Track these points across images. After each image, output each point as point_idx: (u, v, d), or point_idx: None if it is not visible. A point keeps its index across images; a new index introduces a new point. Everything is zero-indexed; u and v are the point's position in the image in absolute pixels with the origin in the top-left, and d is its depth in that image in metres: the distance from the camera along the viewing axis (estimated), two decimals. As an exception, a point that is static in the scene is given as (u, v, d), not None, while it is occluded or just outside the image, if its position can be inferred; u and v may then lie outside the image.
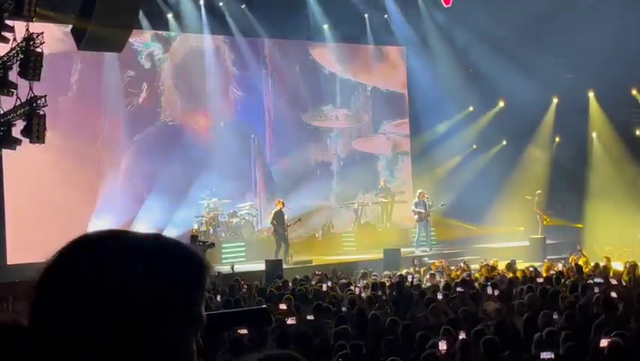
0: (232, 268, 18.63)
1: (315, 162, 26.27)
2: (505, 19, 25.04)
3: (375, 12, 27.02)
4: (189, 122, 24.59)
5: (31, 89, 16.44)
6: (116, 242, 1.41)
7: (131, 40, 18.67)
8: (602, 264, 17.41)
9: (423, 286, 15.40)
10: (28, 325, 1.36)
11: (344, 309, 12.17)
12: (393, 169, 27.09)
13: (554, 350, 8.11)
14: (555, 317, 10.45)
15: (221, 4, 24.51)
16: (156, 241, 1.44)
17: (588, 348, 8.59)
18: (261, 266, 19.51)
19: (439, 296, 12.83)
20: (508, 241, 24.58)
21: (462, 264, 19.22)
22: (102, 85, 22.51)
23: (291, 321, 10.79)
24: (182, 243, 1.46)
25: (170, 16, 23.92)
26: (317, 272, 18.03)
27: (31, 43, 16.15)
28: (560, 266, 18.21)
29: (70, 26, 18.23)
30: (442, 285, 14.96)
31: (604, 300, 10.68)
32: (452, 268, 19.05)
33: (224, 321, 2.07)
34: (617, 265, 17.73)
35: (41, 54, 16.24)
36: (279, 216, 21.52)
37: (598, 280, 13.88)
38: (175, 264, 1.40)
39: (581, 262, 17.86)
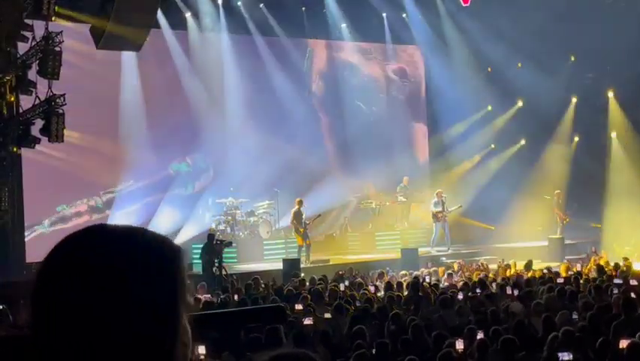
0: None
1: (333, 161, 26.21)
2: (523, 18, 24.92)
3: (393, 11, 26.97)
4: (207, 120, 24.61)
5: (50, 87, 16.53)
6: (100, 239, 1.40)
7: (149, 38, 18.67)
8: (621, 264, 17.30)
9: (441, 286, 15.35)
10: (30, 326, 1.35)
11: (357, 305, 12.17)
12: (411, 169, 26.97)
13: (572, 350, 8.05)
14: (575, 317, 10.39)
15: (239, 3, 24.54)
16: (136, 233, 1.43)
17: (607, 349, 8.52)
18: (278, 265, 19.51)
19: (460, 296, 12.79)
20: (527, 240, 24.46)
21: (481, 264, 19.14)
22: (120, 83, 22.56)
23: (307, 321, 10.76)
24: (157, 233, 1.45)
25: (188, 15, 23.97)
26: (340, 272, 18.00)
27: (50, 42, 16.25)
28: (578, 267, 18.11)
29: (89, 25, 18.30)
30: (460, 285, 14.93)
31: (623, 300, 10.60)
32: (471, 267, 18.99)
33: (240, 319, 2.06)
34: (639, 266, 17.63)
35: (60, 53, 16.33)
36: (298, 216, 21.52)
37: (617, 281, 13.79)
38: (159, 254, 1.40)
39: (601, 262, 17.76)
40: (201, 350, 7.71)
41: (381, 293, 14.27)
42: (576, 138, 27.97)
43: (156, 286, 1.36)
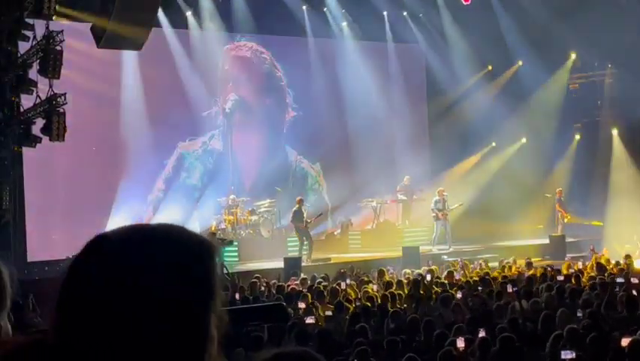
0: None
1: (334, 159, 26.19)
2: (524, 16, 24.92)
3: (394, 10, 26.98)
4: (207, 118, 24.63)
5: (50, 87, 16.54)
6: (131, 237, 1.40)
7: (150, 37, 18.68)
8: (622, 262, 17.30)
9: (440, 282, 15.34)
10: (51, 326, 1.36)
11: (358, 303, 12.20)
12: (413, 167, 26.95)
13: (574, 348, 8.05)
14: (579, 314, 10.38)
15: (240, 2, 24.54)
16: (169, 231, 1.43)
17: (608, 347, 8.52)
18: (279, 264, 19.52)
19: (459, 295, 12.80)
20: (528, 239, 24.47)
21: (482, 262, 19.15)
22: (121, 82, 22.56)
23: (309, 320, 10.76)
24: (189, 229, 1.45)
25: (189, 13, 23.98)
26: (342, 270, 17.97)
27: (51, 41, 16.26)
28: (579, 265, 18.12)
29: (90, 24, 18.29)
30: (461, 283, 14.94)
31: (626, 298, 10.60)
32: (471, 266, 18.99)
33: (242, 317, 2.07)
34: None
35: (61, 52, 16.35)
36: (298, 215, 21.53)
37: (619, 279, 13.79)
38: (191, 251, 1.40)
39: (602, 260, 17.75)
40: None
41: (381, 291, 14.27)
42: (577, 136, 27.96)
43: (182, 285, 1.36)
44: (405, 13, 27.29)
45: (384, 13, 27.02)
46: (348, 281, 15.62)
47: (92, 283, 1.34)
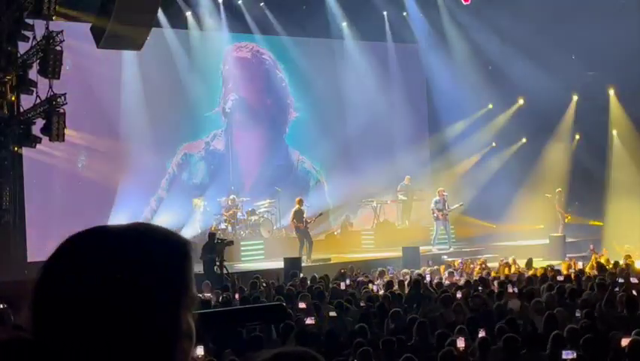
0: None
1: (334, 159, 26.18)
2: (524, 16, 24.91)
3: (394, 10, 26.99)
4: (208, 118, 24.63)
5: (50, 87, 16.55)
6: (103, 237, 1.44)
7: (150, 37, 18.68)
8: (622, 262, 17.31)
9: (442, 283, 15.35)
10: (31, 326, 1.37)
11: (362, 304, 12.19)
12: (413, 167, 26.96)
13: (574, 348, 8.05)
14: (577, 315, 10.37)
15: (239, 1, 24.55)
16: (140, 229, 1.45)
17: (608, 347, 8.52)
18: (279, 264, 19.51)
19: (459, 295, 12.80)
20: (528, 239, 24.47)
21: (482, 262, 19.15)
22: (121, 82, 22.57)
23: (309, 320, 10.75)
24: (163, 227, 1.47)
25: (188, 14, 23.98)
26: (342, 270, 17.97)
27: (51, 41, 16.26)
28: (580, 265, 18.12)
29: (90, 24, 18.29)
30: (461, 283, 14.94)
31: (626, 298, 10.59)
32: (472, 266, 19.00)
33: (242, 317, 2.06)
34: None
35: (61, 52, 16.36)
36: (298, 215, 21.53)
37: (619, 279, 13.78)
38: (162, 249, 1.42)
39: (602, 260, 17.75)
40: (199, 350, 7.68)
41: (382, 291, 14.28)
42: (577, 136, 27.97)
43: (159, 280, 1.38)
44: (405, 13, 27.31)
45: (384, 13, 27.03)
46: (347, 281, 15.63)
47: (62, 282, 1.36)
